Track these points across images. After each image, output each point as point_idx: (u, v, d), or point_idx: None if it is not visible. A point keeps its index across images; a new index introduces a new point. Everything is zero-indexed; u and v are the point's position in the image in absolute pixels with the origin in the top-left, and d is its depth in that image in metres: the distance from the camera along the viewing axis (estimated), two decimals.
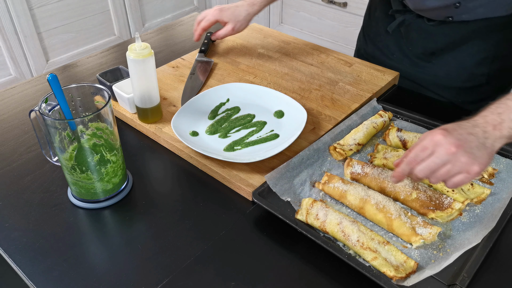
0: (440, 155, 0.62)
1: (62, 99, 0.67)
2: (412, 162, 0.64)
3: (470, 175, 0.62)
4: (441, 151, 0.62)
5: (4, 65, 2.19)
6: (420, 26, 1.00)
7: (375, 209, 0.71)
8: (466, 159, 0.61)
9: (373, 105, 0.95)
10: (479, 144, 0.62)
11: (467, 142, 0.62)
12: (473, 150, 0.61)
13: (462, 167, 0.61)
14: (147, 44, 0.84)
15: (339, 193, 0.75)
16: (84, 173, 0.71)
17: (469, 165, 0.61)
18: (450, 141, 0.61)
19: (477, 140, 0.62)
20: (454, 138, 0.62)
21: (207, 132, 0.90)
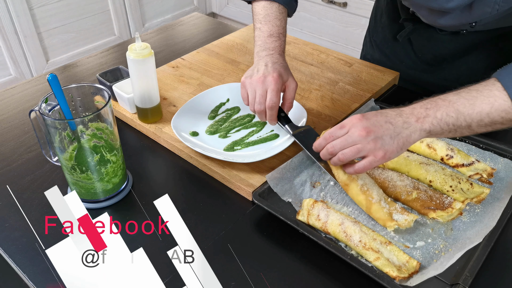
0: (351, 136, 0.66)
1: (62, 99, 0.67)
2: (327, 138, 0.69)
3: (375, 159, 0.65)
4: (354, 132, 0.66)
5: (4, 65, 2.19)
6: (431, 35, 0.98)
7: (359, 189, 0.72)
8: (373, 144, 0.65)
9: (371, 105, 0.95)
10: (393, 133, 0.66)
11: (381, 129, 0.66)
12: (384, 137, 0.65)
13: (369, 151, 0.65)
14: (147, 44, 0.84)
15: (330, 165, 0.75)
16: (84, 173, 0.71)
17: (376, 150, 0.65)
18: (364, 125, 0.66)
19: (393, 129, 0.66)
20: (369, 123, 0.66)
21: (207, 132, 0.90)
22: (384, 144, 0.65)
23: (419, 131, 0.66)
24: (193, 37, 1.34)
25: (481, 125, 0.67)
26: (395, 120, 0.67)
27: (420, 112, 0.67)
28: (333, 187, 0.78)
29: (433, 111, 0.66)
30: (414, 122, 0.66)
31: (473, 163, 0.80)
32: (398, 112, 0.68)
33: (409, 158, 0.80)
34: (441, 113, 0.66)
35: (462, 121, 0.66)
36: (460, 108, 0.66)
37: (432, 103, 0.67)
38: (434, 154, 0.82)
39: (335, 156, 0.68)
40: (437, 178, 0.76)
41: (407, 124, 0.66)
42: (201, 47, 1.23)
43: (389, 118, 0.67)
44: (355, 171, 0.68)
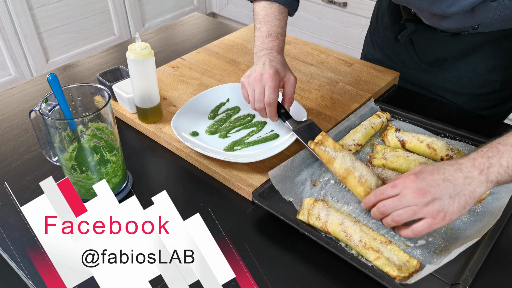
0: (405, 197, 0.62)
1: (62, 99, 0.67)
2: (378, 196, 0.65)
3: (435, 221, 0.61)
4: (408, 194, 0.62)
5: (4, 65, 2.19)
6: (433, 36, 0.98)
7: (357, 181, 0.72)
8: (431, 207, 0.61)
9: (371, 105, 0.95)
10: (453, 192, 0.61)
11: (438, 188, 0.61)
12: (442, 198, 0.60)
13: (426, 213, 0.61)
14: (147, 44, 0.84)
15: (327, 158, 0.76)
16: (84, 173, 0.71)
17: (435, 213, 0.61)
18: (418, 186, 0.61)
19: (452, 188, 0.61)
20: (424, 183, 0.61)
21: (207, 132, 0.90)
22: (443, 205, 0.60)
23: (485, 185, 0.61)
24: (193, 37, 1.34)
25: None
26: (454, 176, 0.61)
27: (483, 162, 0.61)
28: (334, 185, 0.78)
29: (497, 159, 0.61)
30: (477, 175, 0.61)
31: None
32: (457, 167, 0.62)
33: (409, 158, 0.80)
34: (506, 160, 0.61)
35: None
36: None
37: (494, 150, 0.62)
38: (434, 154, 0.82)
39: (388, 217, 0.64)
40: None
41: (469, 180, 0.61)
42: (201, 47, 1.23)
43: (447, 175, 0.61)
44: (414, 234, 0.63)
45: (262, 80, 0.80)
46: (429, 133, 0.89)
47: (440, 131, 0.89)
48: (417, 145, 0.84)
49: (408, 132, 0.87)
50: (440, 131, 0.89)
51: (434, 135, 0.88)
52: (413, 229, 0.63)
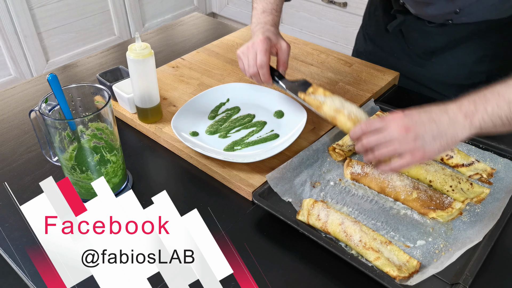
0: (390, 132, 0.63)
1: (62, 99, 0.67)
2: (364, 127, 0.66)
3: (414, 159, 0.62)
4: (393, 129, 0.63)
5: (4, 65, 2.19)
6: (421, 27, 1.00)
7: (346, 118, 0.73)
8: (413, 144, 0.62)
9: (371, 105, 0.95)
10: (437, 133, 0.62)
11: (423, 127, 0.62)
12: (425, 137, 0.62)
13: (407, 150, 0.62)
14: (147, 44, 0.84)
15: (317, 103, 0.78)
16: (84, 173, 0.71)
17: (414, 150, 0.62)
18: (404, 122, 0.63)
19: (436, 129, 0.62)
20: (411, 121, 0.62)
21: (207, 132, 0.90)
22: (425, 144, 0.62)
23: (468, 129, 0.62)
24: (193, 37, 1.34)
25: None
26: (440, 118, 0.63)
27: (468, 107, 0.62)
28: (333, 187, 0.78)
29: (483, 105, 0.62)
30: (462, 118, 0.62)
31: (473, 163, 0.80)
32: (444, 110, 0.63)
33: None
34: (491, 106, 0.61)
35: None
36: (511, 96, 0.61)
37: (481, 97, 0.63)
38: None
39: (371, 153, 0.66)
40: (437, 178, 0.76)
41: (453, 122, 0.62)
42: (201, 47, 1.23)
43: (433, 116, 0.63)
44: (391, 169, 0.65)
45: (253, 47, 0.83)
46: None
47: None
48: None
49: None
50: None
51: None
52: (391, 166, 0.65)
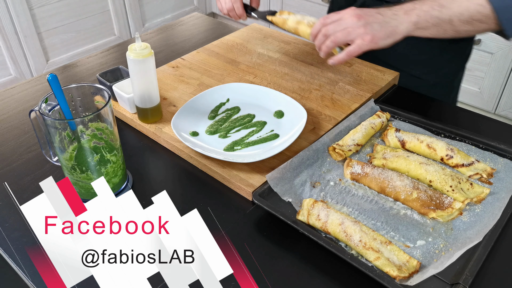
0: (344, 20, 0.77)
1: (62, 99, 0.67)
2: (323, 21, 0.80)
3: (364, 42, 0.76)
4: (347, 17, 0.77)
5: (4, 65, 2.19)
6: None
7: (307, 26, 0.84)
8: (363, 29, 0.76)
9: (371, 105, 0.95)
10: (382, 22, 0.77)
11: (371, 17, 0.77)
12: (373, 24, 0.76)
13: (358, 35, 0.76)
14: (147, 44, 0.84)
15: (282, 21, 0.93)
16: (84, 173, 0.71)
17: (364, 34, 0.76)
18: (357, 13, 0.77)
19: (382, 18, 0.77)
20: (362, 11, 0.77)
21: (207, 132, 0.90)
22: (373, 30, 0.76)
23: (406, 23, 0.77)
24: (193, 37, 1.34)
25: (462, 20, 0.77)
26: (385, 12, 0.78)
27: (408, 6, 0.77)
28: (333, 187, 0.78)
29: (420, 4, 0.77)
30: (402, 14, 0.77)
31: (473, 163, 0.80)
32: (389, 7, 0.79)
33: (409, 158, 0.80)
34: (427, 7, 0.76)
35: (445, 14, 0.76)
36: (443, 2, 0.76)
37: (420, 1, 0.78)
38: (434, 154, 0.83)
39: (328, 39, 0.78)
40: (437, 178, 0.76)
41: (395, 16, 0.77)
42: (201, 47, 1.23)
43: (380, 10, 0.78)
44: (347, 54, 0.79)
45: None
46: (429, 133, 0.89)
47: (440, 131, 0.89)
48: (417, 145, 0.84)
49: (408, 132, 0.87)
50: (440, 131, 0.89)
51: (434, 135, 0.89)
52: (347, 51, 0.79)
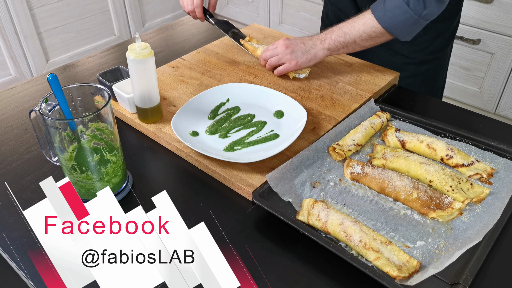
0: (277, 49, 1.04)
1: (62, 99, 0.67)
2: (265, 50, 1.07)
3: (290, 65, 1.02)
4: (279, 47, 1.03)
5: (4, 65, 2.19)
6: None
7: None
8: (290, 56, 1.02)
9: (371, 105, 0.95)
10: (304, 50, 1.02)
11: (296, 46, 1.02)
12: (297, 52, 1.01)
13: (286, 59, 1.02)
14: (147, 44, 0.84)
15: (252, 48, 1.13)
16: (84, 173, 0.71)
17: (291, 60, 1.02)
18: (286, 43, 1.02)
19: (304, 47, 1.02)
20: (289, 42, 1.03)
21: (207, 132, 0.90)
22: (297, 57, 1.01)
23: (322, 49, 1.01)
24: (193, 37, 1.34)
25: (363, 39, 0.98)
26: (307, 42, 1.02)
27: (322, 36, 1.02)
28: (333, 187, 0.78)
29: (329, 35, 1.00)
30: (319, 43, 1.01)
31: (473, 163, 0.80)
32: (310, 37, 1.03)
33: (409, 158, 0.80)
34: (334, 35, 1.00)
35: (348, 38, 0.98)
36: (346, 30, 0.99)
37: (329, 30, 1.01)
38: (434, 154, 0.83)
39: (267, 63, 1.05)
40: (437, 178, 0.76)
41: (314, 45, 1.01)
42: (201, 47, 1.23)
43: (304, 40, 1.03)
44: (278, 72, 1.05)
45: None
46: (429, 133, 0.89)
47: (440, 131, 0.89)
48: (417, 145, 0.84)
49: (408, 132, 0.87)
50: (440, 131, 0.89)
51: (434, 135, 0.88)
52: (278, 70, 1.05)
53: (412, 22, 0.93)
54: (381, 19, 0.94)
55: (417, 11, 0.91)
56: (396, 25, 0.94)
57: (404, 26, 0.94)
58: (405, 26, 0.94)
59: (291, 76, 1.06)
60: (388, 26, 0.94)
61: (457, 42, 2.01)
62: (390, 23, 0.94)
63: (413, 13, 0.92)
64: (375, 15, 0.94)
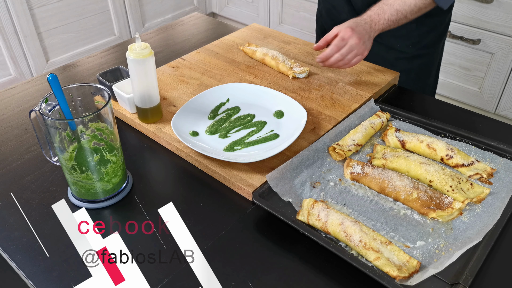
0: (351, 45, 0.97)
1: (62, 99, 0.67)
2: (334, 49, 0.98)
3: (363, 56, 0.99)
4: (352, 42, 0.96)
5: (4, 65, 2.19)
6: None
7: (271, 59, 1.10)
8: (363, 48, 0.98)
9: (371, 105, 0.96)
10: (368, 36, 0.99)
11: (364, 35, 0.98)
12: (365, 41, 0.98)
13: (359, 52, 0.98)
14: (147, 44, 0.84)
15: (251, 52, 1.14)
16: (84, 173, 0.71)
17: (363, 50, 0.98)
18: (357, 35, 0.97)
19: (367, 34, 0.99)
20: (358, 32, 0.97)
21: (207, 132, 0.90)
22: (367, 46, 0.99)
23: (376, 31, 1.01)
24: (193, 37, 1.34)
25: (414, 12, 1.00)
26: (366, 27, 1.00)
27: (374, 18, 1.00)
28: (333, 187, 0.78)
29: (382, 15, 1.00)
30: (374, 26, 1.00)
31: (473, 163, 0.80)
32: (365, 20, 1.00)
33: (409, 158, 0.80)
34: (387, 15, 1.00)
35: (401, 15, 1.00)
36: (397, 7, 0.99)
37: (381, 9, 1.01)
38: (434, 154, 0.83)
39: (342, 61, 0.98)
40: (437, 178, 0.76)
41: (371, 28, 1.00)
42: (201, 47, 1.23)
43: (364, 26, 1.00)
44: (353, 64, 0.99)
45: None
46: (429, 133, 0.89)
47: (440, 131, 0.89)
48: (417, 145, 0.84)
49: (408, 132, 0.87)
50: (440, 131, 0.89)
51: (434, 135, 0.88)
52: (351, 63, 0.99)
53: None
54: None
55: None
56: None
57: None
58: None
59: (291, 76, 1.06)
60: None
61: (457, 42, 2.02)
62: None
63: None
64: None
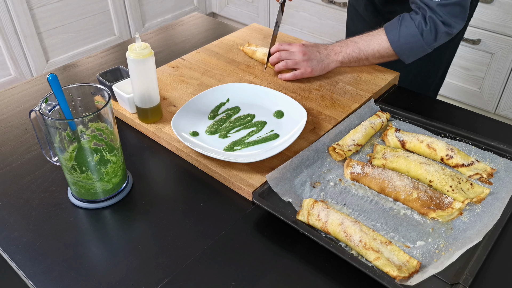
0: (294, 53, 1.05)
1: (62, 99, 0.67)
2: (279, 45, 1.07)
3: (305, 72, 1.04)
4: (297, 52, 1.05)
5: (4, 65, 2.19)
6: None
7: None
8: (306, 63, 1.04)
9: (371, 105, 0.96)
10: (320, 59, 1.04)
11: (313, 54, 1.04)
12: (313, 61, 1.04)
13: (302, 66, 1.04)
14: (147, 44, 0.84)
15: (251, 52, 1.15)
16: (84, 173, 0.71)
17: (307, 67, 1.04)
18: (303, 50, 1.04)
19: (319, 57, 1.04)
20: (307, 50, 1.04)
21: (207, 132, 0.90)
22: (313, 65, 1.04)
23: (335, 62, 1.05)
24: (193, 37, 1.34)
25: (375, 57, 1.04)
26: (322, 51, 1.05)
27: (337, 49, 1.06)
28: (333, 187, 0.78)
29: (345, 48, 1.05)
30: (333, 55, 1.05)
31: (473, 163, 0.80)
32: (325, 47, 1.06)
33: (409, 158, 0.80)
34: (349, 50, 1.04)
35: (362, 55, 1.04)
36: (361, 46, 1.04)
37: (344, 43, 1.06)
38: (434, 154, 0.83)
39: (281, 62, 1.05)
40: (437, 178, 0.76)
41: (328, 56, 1.05)
42: (201, 47, 1.23)
43: (319, 49, 1.06)
44: (293, 76, 1.05)
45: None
46: (429, 133, 0.89)
47: (440, 131, 0.89)
48: (417, 145, 0.84)
49: (408, 132, 0.87)
50: (440, 131, 0.89)
51: (434, 135, 0.89)
52: (293, 74, 1.05)
53: (421, 50, 1.00)
54: (394, 43, 0.99)
55: (428, 42, 0.98)
56: (406, 50, 1.00)
57: (412, 52, 1.01)
58: (414, 52, 1.01)
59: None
60: (399, 50, 1.00)
61: None
62: (401, 48, 1.00)
63: (424, 43, 0.98)
64: (389, 37, 0.99)
